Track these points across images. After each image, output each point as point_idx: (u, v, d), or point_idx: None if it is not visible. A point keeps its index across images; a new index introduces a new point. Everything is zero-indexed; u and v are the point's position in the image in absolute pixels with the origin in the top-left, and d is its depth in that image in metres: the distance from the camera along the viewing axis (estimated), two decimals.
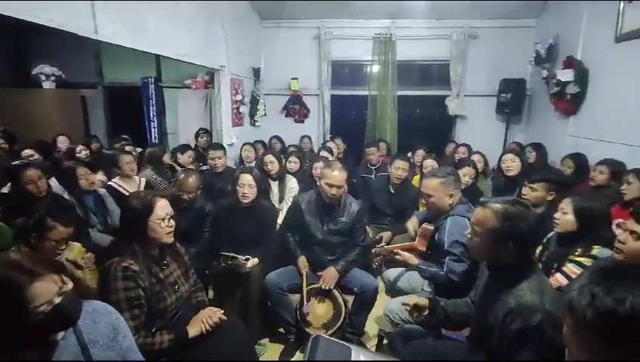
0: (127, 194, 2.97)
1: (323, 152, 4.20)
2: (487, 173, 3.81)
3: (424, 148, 4.28)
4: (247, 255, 2.33)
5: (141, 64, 5.40)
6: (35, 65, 5.09)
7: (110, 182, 3.11)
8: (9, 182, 2.56)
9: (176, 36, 3.38)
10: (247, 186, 2.43)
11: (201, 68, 4.54)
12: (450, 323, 1.65)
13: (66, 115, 5.18)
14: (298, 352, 2.32)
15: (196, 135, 4.67)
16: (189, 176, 2.62)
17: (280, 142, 5.05)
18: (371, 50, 5.29)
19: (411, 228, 2.74)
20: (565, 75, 3.79)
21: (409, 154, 4.44)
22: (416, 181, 3.56)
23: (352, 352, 1.20)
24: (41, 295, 0.96)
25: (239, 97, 4.74)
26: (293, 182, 3.48)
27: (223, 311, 1.71)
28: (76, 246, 1.97)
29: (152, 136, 5.61)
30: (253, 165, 3.81)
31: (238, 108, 4.77)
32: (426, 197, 2.19)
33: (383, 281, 2.46)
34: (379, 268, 2.78)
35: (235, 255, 2.29)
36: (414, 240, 2.39)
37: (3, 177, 2.62)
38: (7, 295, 0.94)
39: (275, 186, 3.41)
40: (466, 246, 1.77)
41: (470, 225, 1.44)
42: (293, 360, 2.29)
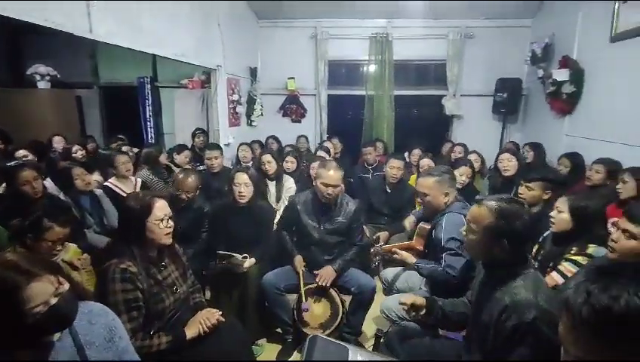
0: (123, 194, 2.96)
1: (320, 152, 4.21)
2: (483, 173, 3.82)
3: (420, 148, 4.29)
4: (244, 254, 2.32)
5: (137, 64, 5.37)
6: (30, 65, 5.04)
7: (106, 183, 3.10)
8: (3, 183, 2.54)
9: (173, 36, 3.37)
10: (243, 185, 2.43)
11: (198, 67, 4.52)
12: (448, 323, 1.65)
13: (62, 115, 5.13)
14: (295, 352, 2.32)
15: (193, 135, 4.67)
16: (188, 176, 2.61)
17: (277, 142, 5.04)
18: (368, 50, 5.28)
19: (408, 227, 2.75)
20: (561, 75, 3.81)
21: (405, 154, 4.45)
22: (413, 180, 3.57)
23: (350, 352, 1.20)
24: (37, 296, 0.95)
25: (236, 97, 4.73)
26: (290, 182, 3.47)
27: (221, 312, 1.70)
28: (72, 247, 1.96)
29: (149, 137, 5.60)
30: (250, 165, 3.80)
31: (234, 108, 4.76)
32: (422, 196, 2.20)
33: (380, 281, 2.47)
34: (377, 267, 2.78)
35: (232, 254, 2.28)
36: (412, 239, 2.39)
37: None
38: (3, 295, 0.93)
39: (273, 186, 3.41)
40: (463, 241, 1.78)
41: (466, 222, 1.44)
42: (290, 360, 2.29)
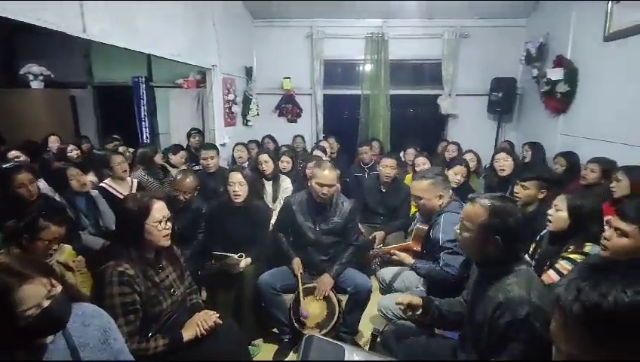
0: (119, 195, 2.93)
1: (316, 151, 4.20)
2: (479, 172, 3.84)
3: (415, 147, 4.30)
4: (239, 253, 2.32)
5: (132, 63, 5.34)
6: (23, 64, 4.99)
7: (102, 184, 3.06)
8: None
9: (168, 35, 3.34)
10: (237, 184, 2.42)
11: (193, 67, 4.50)
12: (444, 322, 1.66)
13: (55, 115, 5.09)
14: (292, 352, 2.32)
15: (188, 135, 4.64)
16: (186, 177, 2.61)
17: (273, 142, 5.03)
18: (364, 50, 5.29)
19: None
20: (555, 74, 3.83)
21: (401, 153, 4.46)
22: (409, 180, 3.58)
23: (346, 352, 1.20)
24: (30, 298, 0.95)
25: (231, 97, 4.71)
26: (287, 183, 3.47)
27: (218, 314, 1.69)
28: (67, 248, 1.95)
29: (144, 137, 5.57)
30: (246, 165, 3.79)
31: (230, 108, 4.74)
32: (416, 200, 2.20)
33: (377, 281, 2.47)
34: (375, 268, 2.79)
35: (228, 254, 2.27)
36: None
37: None
38: None
39: (269, 186, 3.40)
40: None
41: (459, 220, 1.46)
42: (287, 360, 2.29)
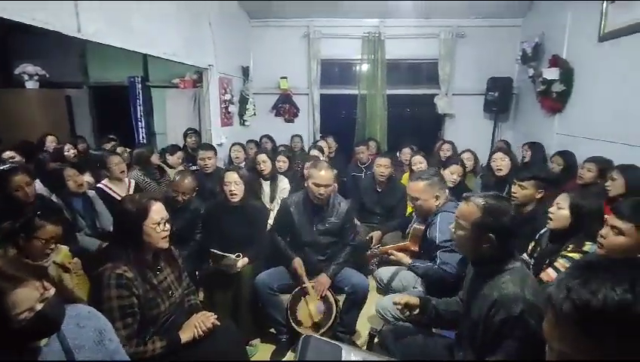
0: (116, 196, 2.92)
1: (313, 151, 4.19)
2: (476, 171, 3.85)
3: (410, 147, 4.30)
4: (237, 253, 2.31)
5: (128, 63, 5.31)
6: (18, 64, 4.96)
7: (99, 184, 3.04)
8: None
9: (163, 35, 3.33)
10: (233, 184, 2.42)
11: (189, 67, 4.48)
12: (442, 322, 1.67)
13: (51, 116, 5.05)
14: (290, 352, 2.32)
15: (185, 135, 4.62)
16: (185, 177, 2.60)
17: (271, 142, 5.03)
18: (360, 49, 5.29)
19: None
20: (551, 74, 3.85)
21: (398, 153, 4.46)
22: (406, 179, 3.59)
23: (343, 351, 1.20)
24: (23, 302, 0.94)
25: (228, 96, 4.69)
26: (285, 183, 3.46)
27: (216, 315, 1.68)
28: (63, 249, 1.94)
29: (140, 137, 5.55)
30: (242, 166, 3.78)
31: (227, 108, 4.73)
32: (413, 201, 2.21)
33: (374, 280, 2.47)
34: (373, 269, 2.79)
35: (225, 254, 2.27)
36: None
37: None
38: None
39: (267, 186, 3.40)
40: None
41: (454, 219, 1.47)
42: (284, 360, 2.29)
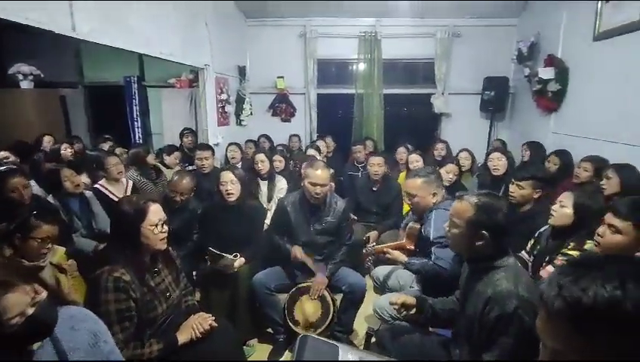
0: (114, 197, 2.89)
1: (310, 151, 4.19)
2: (473, 171, 3.86)
3: (405, 146, 4.31)
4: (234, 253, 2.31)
5: (123, 63, 5.30)
6: (12, 64, 4.93)
7: (97, 185, 3.01)
8: None
9: (160, 35, 3.32)
10: (229, 183, 2.41)
11: (185, 67, 4.47)
12: (439, 321, 1.68)
13: (46, 116, 5.03)
14: (287, 352, 2.31)
15: (181, 135, 4.60)
16: (183, 178, 2.59)
17: (269, 141, 5.02)
18: (357, 49, 5.29)
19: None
20: (546, 73, 3.87)
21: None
22: (402, 178, 3.59)
23: (340, 351, 1.20)
24: (13, 307, 0.93)
25: (224, 96, 4.68)
26: (282, 183, 3.46)
27: (213, 317, 1.68)
28: (60, 250, 1.94)
29: (136, 137, 5.53)
30: (239, 166, 3.77)
31: (223, 108, 4.72)
32: (410, 198, 2.21)
33: (371, 279, 2.47)
34: (370, 267, 2.79)
35: (223, 254, 2.26)
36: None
37: None
38: None
39: (265, 186, 3.40)
40: None
41: (449, 217, 1.48)
42: (281, 360, 2.28)
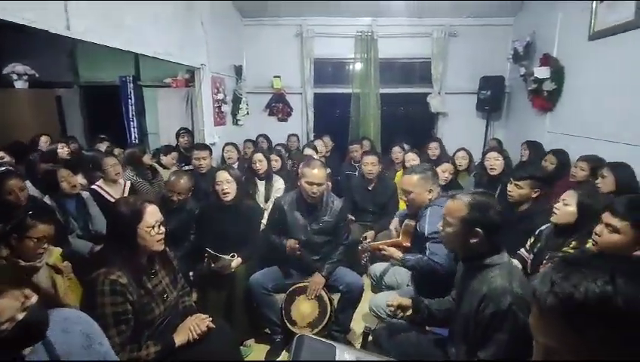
0: (111, 199, 2.87)
1: (307, 150, 4.19)
2: (470, 170, 3.87)
3: (400, 145, 4.31)
4: (231, 253, 2.30)
5: (119, 62, 5.26)
6: (7, 63, 4.89)
7: (94, 186, 2.98)
8: None
9: (155, 34, 3.30)
10: (225, 182, 2.41)
11: (181, 66, 4.45)
12: (435, 321, 1.69)
13: (41, 116, 4.99)
14: (284, 352, 2.31)
15: (177, 135, 4.56)
16: (180, 178, 2.58)
17: (267, 141, 5.01)
18: (353, 48, 5.29)
19: (394, 230, 2.76)
20: (542, 73, 3.89)
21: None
22: (399, 177, 3.60)
23: (337, 351, 1.20)
24: (3, 312, 0.92)
25: (221, 96, 4.67)
26: (280, 183, 3.45)
27: (210, 318, 1.67)
28: (56, 250, 1.92)
29: (132, 137, 5.50)
30: (235, 166, 3.77)
31: (220, 107, 4.70)
32: (406, 194, 2.22)
33: (369, 278, 2.48)
34: (365, 265, 2.79)
35: (220, 255, 2.26)
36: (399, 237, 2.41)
37: None
38: None
39: (262, 185, 3.39)
40: None
41: (442, 216, 1.50)
42: (279, 360, 2.28)
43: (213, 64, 4.40)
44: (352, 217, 3.29)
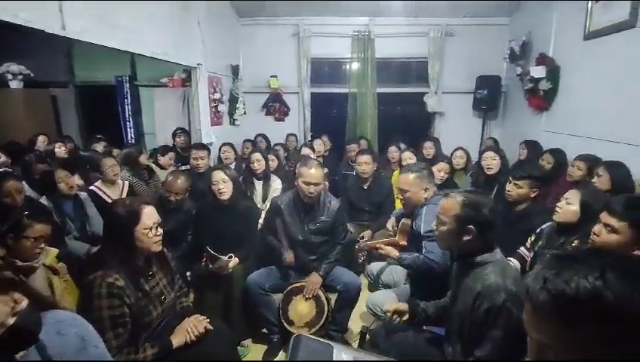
0: (109, 200, 2.85)
1: (304, 150, 4.19)
2: (467, 169, 3.88)
3: (397, 145, 4.32)
4: (229, 254, 2.30)
5: (115, 62, 5.24)
6: (1, 63, 4.86)
7: (92, 187, 2.97)
8: None
9: (152, 33, 3.29)
10: (220, 182, 2.40)
11: (178, 66, 4.44)
12: (431, 321, 1.70)
13: (36, 116, 4.95)
14: (282, 352, 2.31)
15: (174, 135, 4.56)
16: (178, 178, 2.57)
17: (266, 141, 5.01)
18: (350, 48, 5.29)
19: (390, 229, 2.77)
20: (538, 72, 3.91)
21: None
22: (396, 177, 3.61)
23: (334, 350, 1.20)
24: None
25: (217, 95, 4.66)
26: (277, 183, 3.45)
27: (208, 319, 1.66)
28: (52, 251, 1.92)
29: (129, 137, 5.48)
30: (232, 166, 3.76)
31: (216, 107, 4.69)
32: (402, 193, 2.22)
33: (366, 277, 2.48)
34: (362, 264, 2.80)
35: (218, 255, 2.26)
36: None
37: None
38: None
39: (259, 185, 3.39)
40: None
41: (437, 214, 1.51)
42: (276, 360, 2.29)
43: (209, 64, 4.39)
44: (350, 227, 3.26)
